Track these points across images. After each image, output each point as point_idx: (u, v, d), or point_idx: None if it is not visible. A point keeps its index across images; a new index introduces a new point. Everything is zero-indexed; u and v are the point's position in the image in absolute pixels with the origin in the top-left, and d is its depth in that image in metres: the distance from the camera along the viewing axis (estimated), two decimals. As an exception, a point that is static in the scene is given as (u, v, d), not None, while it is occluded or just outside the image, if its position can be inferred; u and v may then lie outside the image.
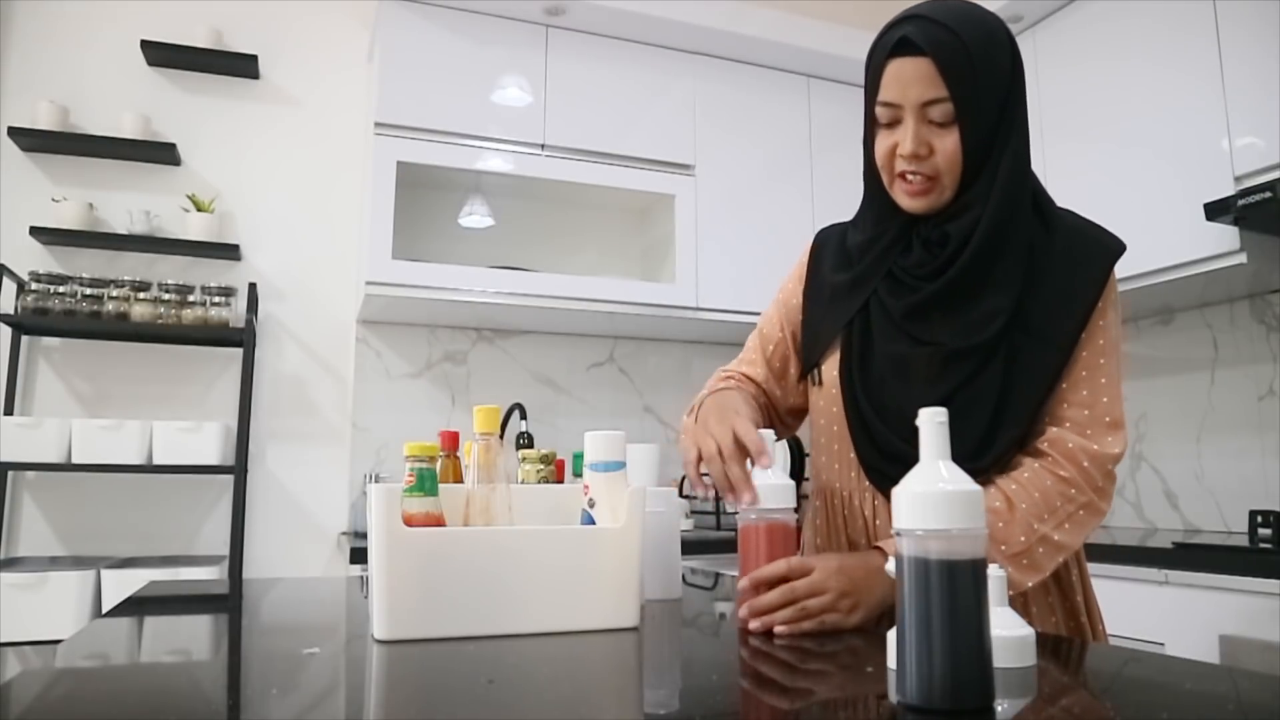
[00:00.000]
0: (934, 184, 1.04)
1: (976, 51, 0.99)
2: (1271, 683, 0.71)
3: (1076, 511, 1.00)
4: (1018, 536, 0.97)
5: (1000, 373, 1.02)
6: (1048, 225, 1.08)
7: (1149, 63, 2.41)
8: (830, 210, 3.12)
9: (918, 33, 0.99)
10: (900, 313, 1.08)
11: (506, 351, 3.11)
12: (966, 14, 1.02)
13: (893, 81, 1.02)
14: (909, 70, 1.00)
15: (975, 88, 1.00)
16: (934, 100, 1.00)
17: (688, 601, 1.19)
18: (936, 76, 0.99)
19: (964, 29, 0.99)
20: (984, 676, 0.60)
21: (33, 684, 0.72)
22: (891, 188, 1.08)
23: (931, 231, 1.07)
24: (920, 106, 1.01)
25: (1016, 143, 1.04)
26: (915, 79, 1.00)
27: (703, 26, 2.92)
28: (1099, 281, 1.05)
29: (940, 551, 0.60)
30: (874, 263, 1.12)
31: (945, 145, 1.01)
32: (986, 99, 1.01)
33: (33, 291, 2.50)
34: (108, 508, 2.65)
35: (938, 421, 0.65)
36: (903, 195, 1.06)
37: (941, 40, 0.99)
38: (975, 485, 0.62)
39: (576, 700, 0.69)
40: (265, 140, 2.95)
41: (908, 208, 1.07)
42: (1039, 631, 0.79)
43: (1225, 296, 2.51)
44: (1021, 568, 0.97)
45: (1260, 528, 2.05)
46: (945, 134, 1.01)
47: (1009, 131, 1.03)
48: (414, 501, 0.91)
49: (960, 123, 1.00)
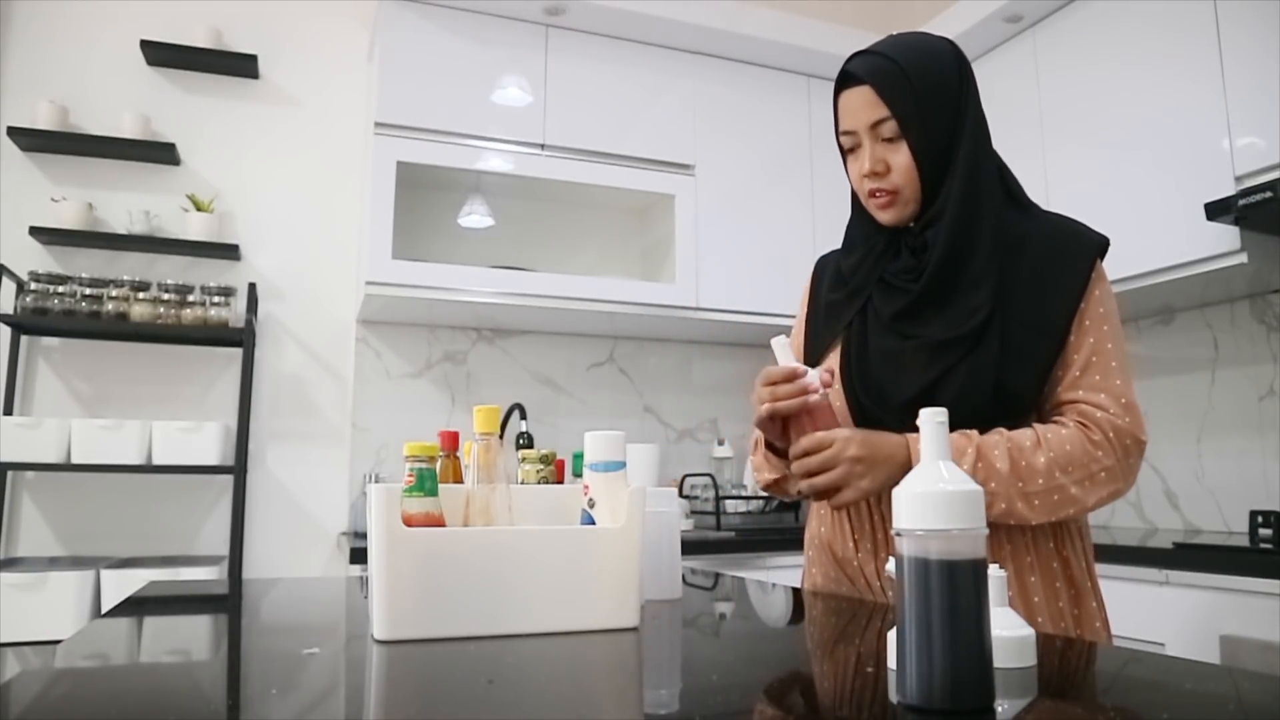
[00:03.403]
0: (896, 197, 1.15)
1: (914, 71, 1.11)
2: (1272, 683, 0.71)
3: (1099, 473, 1.05)
4: (1037, 479, 1.04)
5: (991, 360, 1.08)
6: (1028, 215, 1.16)
7: (1149, 63, 2.41)
8: (830, 210, 3.14)
9: (857, 65, 1.14)
10: (890, 314, 1.16)
11: (506, 351, 3.11)
12: (906, 42, 1.15)
13: (845, 112, 1.16)
14: (855, 99, 1.14)
15: (916, 103, 1.11)
16: (879, 120, 1.12)
17: (688, 602, 1.19)
18: (877, 99, 1.12)
19: (900, 54, 1.12)
20: (984, 677, 0.60)
21: (32, 684, 0.72)
22: (868, 205, 1.19)
23: (914, 240, 1.17)
24: (870, 128, 1.13)
25: (971, 146, 1.13)
26: (861, 105, 1.13)
27: (702, 26, 2.92)
28: (1084, 269, 1.12)
29: (940, 552, 0.60)
30: (867, 274, 1.22)
31: (898, 160, 1.13)
32: (932, 112, 1.12)
33: (32, 291, 2.50)
34: (107, 508, 2.65)
35: (937, 422, 0.65)
36: (876, 210, 1.18)
37: (877, 67, 1.12)
38: (975, 485, 0.62)
39: (576, 700, 0.69)
40: (265, 140, 2.95)
41: (883, 221, 1.18)
42: (1040, 631, 0.79)
43: (1226, 296, 2.51)
44: (1032, 507, 1.04)
45: (1261, 528, 2.05)
46: (896, 149, 1.13)
47: (962, 138, 1.13)
48: (413, 502, 0.91)
49: (907, 137, 1.12)
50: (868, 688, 0.73)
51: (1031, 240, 1.13)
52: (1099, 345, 1.10)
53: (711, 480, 2.90)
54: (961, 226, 1.11)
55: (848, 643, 0.93)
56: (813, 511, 1.29)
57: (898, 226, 1.18)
